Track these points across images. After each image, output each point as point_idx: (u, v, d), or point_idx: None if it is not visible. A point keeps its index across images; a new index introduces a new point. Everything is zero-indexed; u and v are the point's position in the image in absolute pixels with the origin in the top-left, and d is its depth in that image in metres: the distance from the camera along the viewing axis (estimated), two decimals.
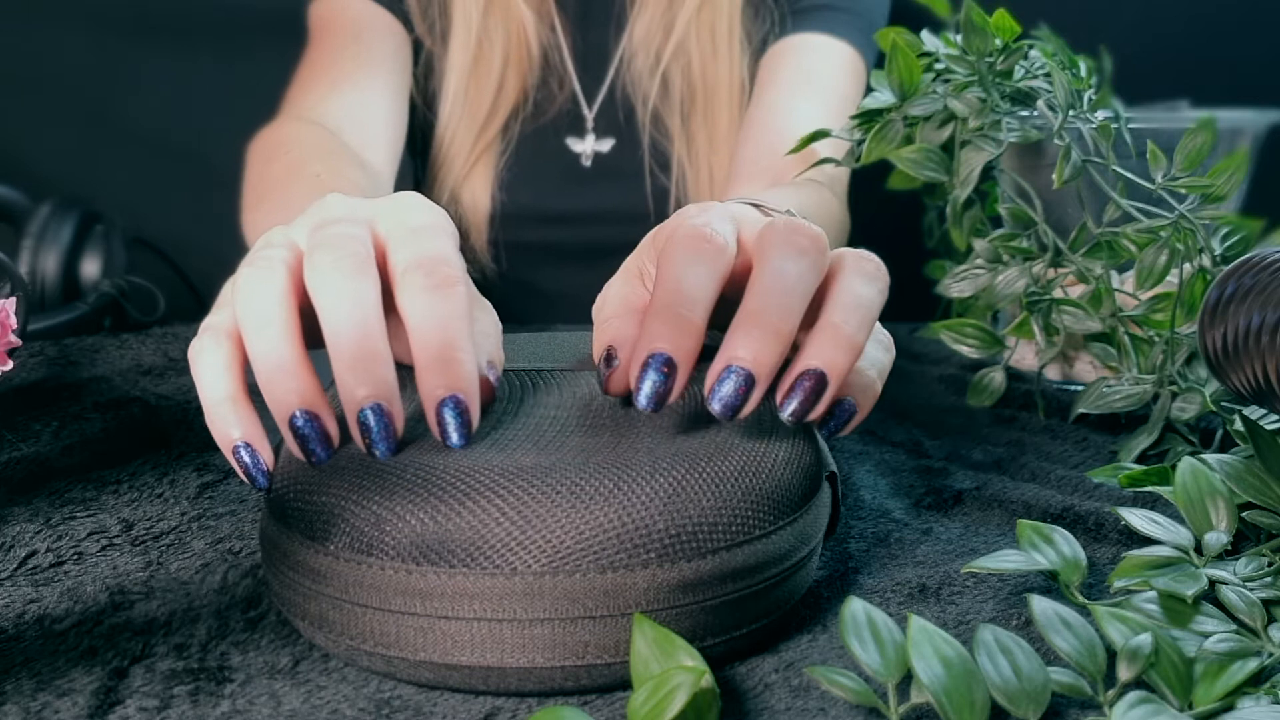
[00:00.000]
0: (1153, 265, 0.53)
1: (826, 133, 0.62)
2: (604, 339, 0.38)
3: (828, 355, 0.33)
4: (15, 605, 0.36)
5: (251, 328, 0.33)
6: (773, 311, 0.33)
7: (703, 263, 0.34)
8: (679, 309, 0.33)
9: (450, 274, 0.34)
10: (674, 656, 0.30)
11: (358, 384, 0.32)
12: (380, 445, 0.32)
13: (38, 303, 0.72)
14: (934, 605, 0.37)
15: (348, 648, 0.32)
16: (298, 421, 0.33)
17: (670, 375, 0.33)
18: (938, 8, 0.67)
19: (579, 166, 0.84)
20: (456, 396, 0.32)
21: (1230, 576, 0.36)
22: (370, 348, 0.32)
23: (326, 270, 0.33)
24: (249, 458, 0.34)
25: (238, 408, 0.34)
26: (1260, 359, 0.37)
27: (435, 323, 0.33)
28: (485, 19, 0.79)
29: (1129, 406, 0.53)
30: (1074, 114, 0.56)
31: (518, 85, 0.82)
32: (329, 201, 0.37)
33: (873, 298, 0.35)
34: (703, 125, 0.81)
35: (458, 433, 0.33)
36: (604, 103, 0.84)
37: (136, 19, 1.09)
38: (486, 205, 0.83)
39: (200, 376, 0.34)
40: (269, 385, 0.33)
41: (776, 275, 0.34)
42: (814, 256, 0.35)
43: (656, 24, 0.80)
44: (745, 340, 0.33)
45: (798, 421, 0.34)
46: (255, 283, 0.34)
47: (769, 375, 0.33)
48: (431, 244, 0.35)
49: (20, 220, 0.75)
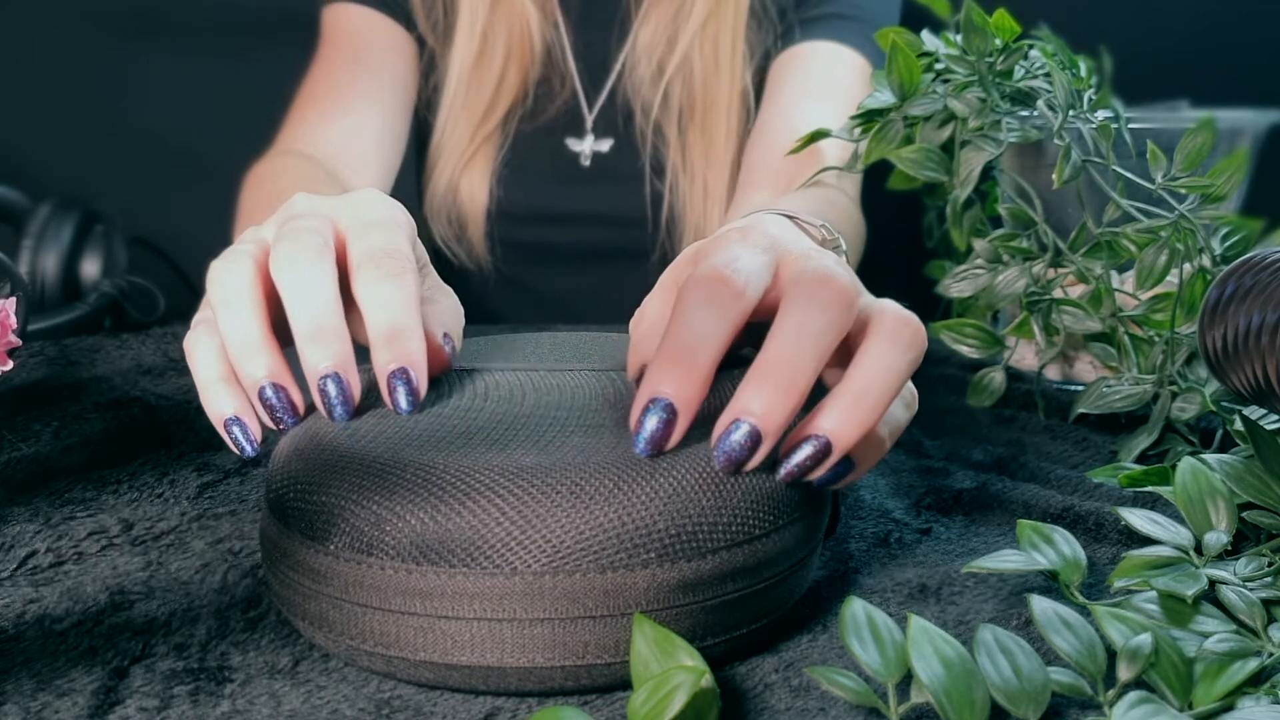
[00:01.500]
0: (1153, 265, 0.53)
1: (827, 132, 0.62)
2: (638, 358, 0.38)
3: (837, 424, 0.33)
4: (15, 605, 0.36)
5: (222, 311, 0.37)
6: (788, 367, 0.32)
7: (717, 306, 0.33)
8: (686, 354, 0.32)
9: (400, 264, 0.38)
10: (674, 656, 0.30)
11: (318, 357, 0.36)
12: (338, 409, 0.36)
13: (38, 303, 0.72)
14: (934, 605, 0.37)
15: (348, 647, 0.32)
16: (267, 393, 0.37)
17: (671, 420, 0.32)
18: (938, 8, 0.67)
19: (577, 166, 0.84)
20: (405, 368, 0.36)
21: (1230, 576, 0.36)
22: (327, 324, 0.36)
23: (288, 258, 0.37)
24: (239, 430, 0.37)
25: (229, 386, 0.38)
26: (1260, 359, 0.37)
27: (386, 306, 0.37)
28: (490, 14, 0.80)
29: (1129, 406, 0.53)
30: (1074, 114, 0.56)
31: (518, 80, 0.82)
32: (295, 200, 0.41)
33: (902, 368, 0.34)
34: (700, 137, 0.81)
35: (406, 400, 0.36)
36: (604, 105, 0.84)
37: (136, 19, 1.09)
38: (484, 200, 0.84)
39: (194, 363, 0.38)
40: (239, 361, 0.37)
41: (796, 331, 0.33)
42: (839, 311, 0.33)
43: (660, 34, 0.80)
44: (756, 395, 0.32)
45: (790, 481, 0.33)
46: (224, 272, 0.38)
47: (777, 432, 0.32)
48: (385, 237, 0.39)
49: (20, 220, 0.75)
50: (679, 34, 0.79)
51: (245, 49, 1.10)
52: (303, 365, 0.36)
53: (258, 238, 0.40)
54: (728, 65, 0.79)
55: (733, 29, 0.79)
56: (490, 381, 0.39)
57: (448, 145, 0.83)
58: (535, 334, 0.47)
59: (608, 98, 0.84)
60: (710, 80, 0.80)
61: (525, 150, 0.84)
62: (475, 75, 0.81)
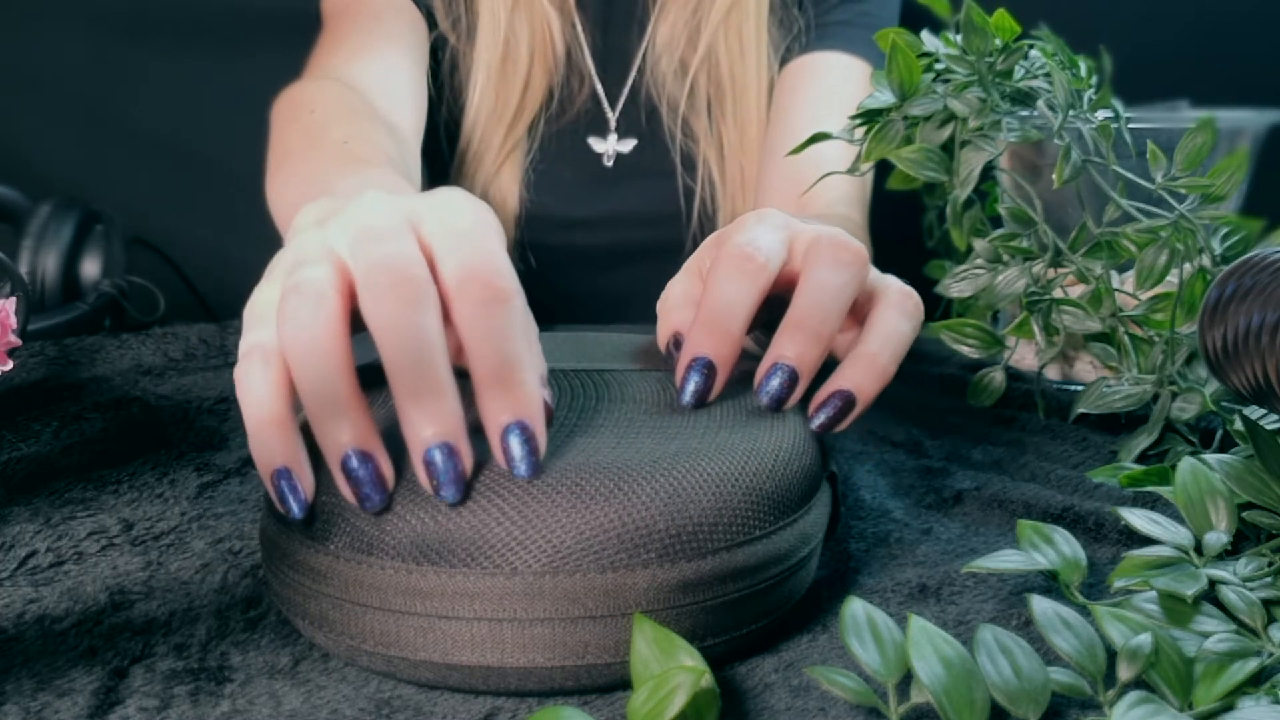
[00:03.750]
0: (1153, 265, 0.53)
1: (828, 135, 0.62)
2: (668, 327, 0.42)
3: (859, 379, 0.38)
4: (15, 605, 0.36)
5: (300, 360, 0.31)
6: (815, 317, 0.37)
7: (744, 279, 0.38)
8: (721, 320, 0.37)
9: (505, 286, 0.32)
10: (674, 656, 0.30)
11: (424, 422, 0.30)
12: (448, 489, 0.31)
13: (38, 303, 0.72)
14: (934, 605, 0.37)
15: (348, 647, 0.32)
16: (352, 463, 0.31)
17: (710, 376, 0.37)
18: (938, 8, 0.67)
19: (601, 167, 0.84)
20: (523, 423, 0.31)
21: (1230, 576, 0.36)
22: (436, 383, 0.31)
23: (385, 300, 0.31)
24: (287, 485, 0.32)
25: (283, 431, 0.32)
26: (1260, 359, 0.37)
27: (494, 342, 0.31)
28: (512, 16, 0.80)
29: (1129, 406, 0.53)
30: (1074, 114, 0.56)
31: (543, 83, 0.82)
32: (368, 202, 0.34)
33: (907, 333, 0.40)
34: (733, 125, 0.81)
35: (525, 462, 0.31)
36: (626, 103, 0.84)
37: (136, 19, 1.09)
38: (514, 206, 0.83)
39: (245, 398, 0.32)
40: (320, 421, 0.31)
41: (820, 286, 0.38)
42: (856, 269, 0.39)
43: (680, 28, 0.80)
44: (791, 342, 0.37)
45: (824, 431, 0.38)
46: (301, 309, 0.31)
47: (811, 372, 0.38)
48: (482, 250, 0.33)
49: (20, 220, 0.75)
50: (701, 26, 0.79)
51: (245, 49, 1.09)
52: (405, 431, 0.31)
53: (328, 253, 0.33)
54: (754, 53, 0.79)
55: (756, 18, 0.79)
56: None
57: (478, 152, 0.83)
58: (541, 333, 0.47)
59: (629, 96, 0.84)
60: (737, 69, 0.80)
61: (550, 153, 0.84)
62: (502, 80, 0.81)
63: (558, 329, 0.58)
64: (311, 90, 0.66)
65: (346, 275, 0.32)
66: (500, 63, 0.80)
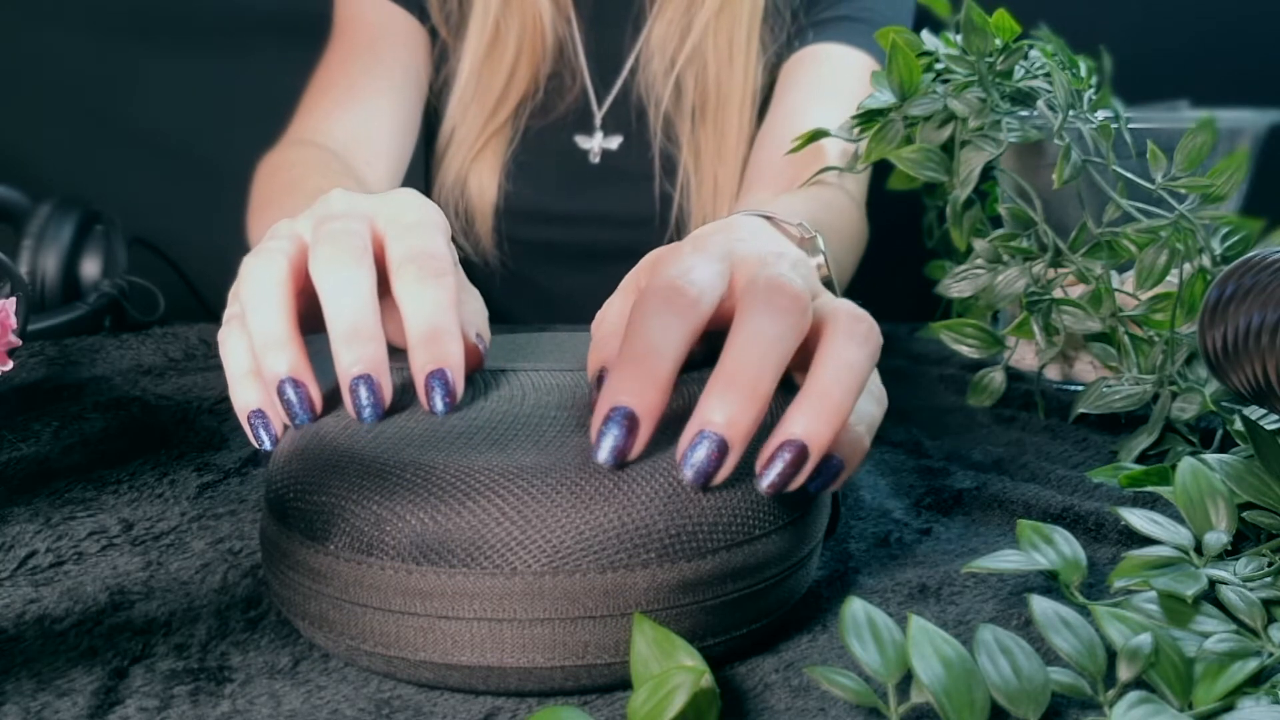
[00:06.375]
0: (1153, 265, 0.53)
1: (826, 132, 0.62)
2: (598, 359, 0.38)
3: (810, 425, 0.32)
4: (15, 605, 0.36)
5: (251, 307, 0.37)
6: (748, 374, 0.32)
7: (673, 316, 0.33)
8: (645, 361, 0.32)
9: (440, 266, 0.38)
10: (674, 656, 0.30)
11: (351, 358, 0.36)
12: (367, 411, 0.36)
13: (38, 303, 0.72)
14: (934, 605, 0.37)
15: (348, 647, 0.32)
16: (285, 389, 0.37)
17: (633, 429, 0.32)
18: (938, 8, 0.67)
19: (586, 164, 0.84)
20: (443, 370, 0.36)
21: (1230, 576, 0.36)
22: (364, 326, 0.36)
23: (328, 260, 0.37)
24: (260, 423, 0.38)
25: (256, 380, 0.38)
26: (1260, 359, 0.37)
27: (425, 308, 0.37)
28: (503, 7, 0.80)
29: (1129, 406, 0.53)
30: (1074, 114, 0.56)
31: (529, 74, 0.82)
32: (332, 197, 0.41)
33: (862, 362, 0.34)
34: (712, 134, 0.81)
35: (442, 401, 0.36)
36: (615, 101, 0.84)
37: (136, 19, 1.09)
38: (493, 194, 0.84)
39: (225, 356, 0.39)
40: (262, 356, 0.37)
41: (754, 336, 0.33)
42: (794, 318, 0.33)
43: (674, 27, 0.80)
44: (720, 404, 0.32)
45: (775, 493, 0.33)
46: (256, 267, 0.38)
47: (744, 440, 0.32)
48: (424, 238, 0.39)
49: (20, 220, 0.75)
50: (692, 25, 0.79)
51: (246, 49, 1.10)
52: (336, 366, 0.36)
53: (292, 233, 0.40)
54: (741, 59, 0.79)
55: (747, 23, 0.79)
56: (490, 381, 0.39)
57: (458, 137, 0.83)
58: (535, 334, 0.47)
59: (619, 94, 0.84)
60: (723, 74, 0.80)
61: (534, 147, 0.84)
62: (487, 67, 0.81)
63: (558, 329, 0.59)
64: (290, 154, 0.73)
65: (302, 246, 0.39)
66: (487, 48, 0.81)
